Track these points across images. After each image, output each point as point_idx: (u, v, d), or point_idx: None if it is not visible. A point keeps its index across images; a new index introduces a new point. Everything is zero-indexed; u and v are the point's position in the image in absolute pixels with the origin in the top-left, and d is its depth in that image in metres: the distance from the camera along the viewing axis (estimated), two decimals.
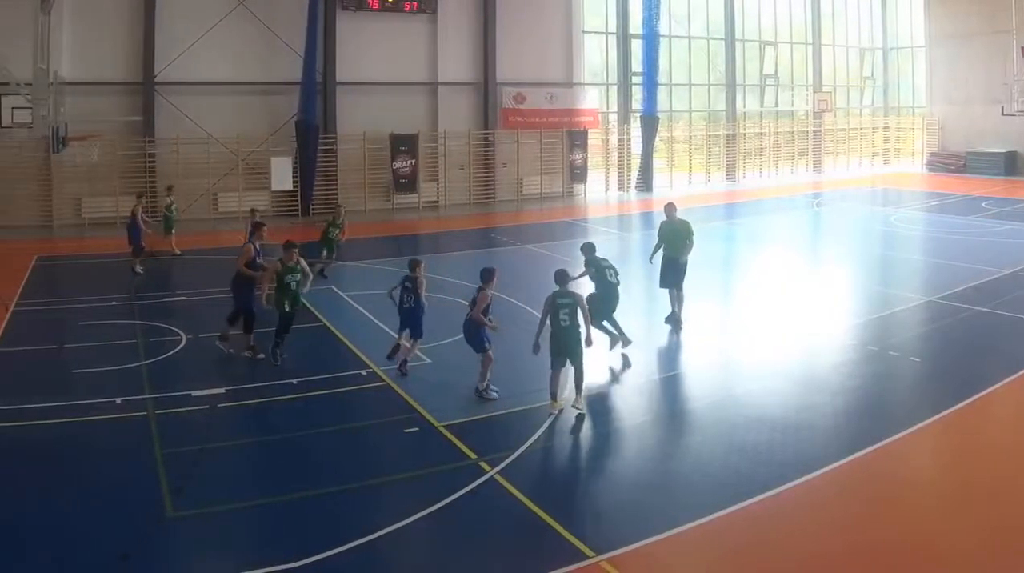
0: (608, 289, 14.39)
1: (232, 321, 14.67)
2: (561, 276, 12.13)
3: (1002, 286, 19.44)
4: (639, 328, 15.91)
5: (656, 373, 14.20)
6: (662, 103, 40.53)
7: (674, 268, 16.10)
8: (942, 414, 11.82)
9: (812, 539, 8.68)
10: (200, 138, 30.04)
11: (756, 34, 45.33)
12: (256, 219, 17.58)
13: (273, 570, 7.92)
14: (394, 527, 8.71)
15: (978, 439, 11.43)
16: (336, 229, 20.81)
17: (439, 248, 26.16)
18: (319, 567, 8.00)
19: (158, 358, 14.49)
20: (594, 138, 39.32)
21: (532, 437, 11.04)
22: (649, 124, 39.43)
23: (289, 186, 31.36)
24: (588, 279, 14.62)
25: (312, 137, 31.30)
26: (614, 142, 40.55)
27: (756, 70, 45.85)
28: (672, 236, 16.25)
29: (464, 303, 12.85)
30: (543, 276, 13.35)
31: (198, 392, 12.65)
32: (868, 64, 51.04)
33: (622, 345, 14.56)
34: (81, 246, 25.84)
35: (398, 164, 33.55)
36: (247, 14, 30.71)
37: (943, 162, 46.85)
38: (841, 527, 8.82)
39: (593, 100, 39.32)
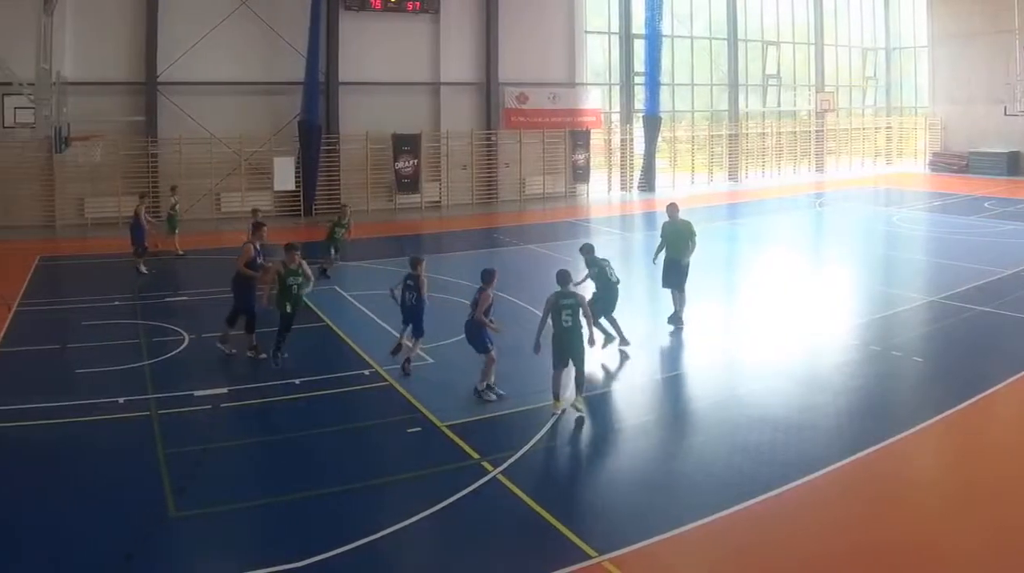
0: (610, 288, 14.44)
1: (231, 322, 14.65)
2: (563, 276, 12.06)
3: (1005, 286, 19.42)
4: (641, 328, 15.91)
5: (659, 373, 14.21)
6: (664, 103, 40.52)
7: (676, 269, 16.08)
8: (945, 414, 11.81)
9: (815, 539, 8.68)
10: (203, 138, 30.05)
11: (759, 34, 45.35)
12: (257, 219, 17.57)
13: (276, 570, 7.93)
14: (397, 527, 8.71)
15: (981, 439, 11.42)
16: (342, 228, 20.84)
17: (441, 248, 26.15)
18: (322, 567, 8.01)
19: (161, 358, 14.49)
20: (597, 138, 39.32)
21: (535, 437, 11.04)
22: (652, 124, 39.42)
23: (292, 186, 31.36)
24: (591, 276, 14.63)
25: (315, 137, 31.29)
26: (617, 142, 40.56)
27: (758, 70, 45.84)
28: (674, 236, 16.23)
29: (466, 303, 12.84)
30: (545, 276, 13.35)
31: (201, 392, 12.66)
32: (870, 64, 51.03)
33: (619, 344, 14.59)
34: (84, 246, 25.85)
35: (400, 164, 33.55)
36: (250, 14, 30.72)
37: (946, 162, 46.81)
38: (844, 527, 8.82)
39: (596, 100, 39.32)
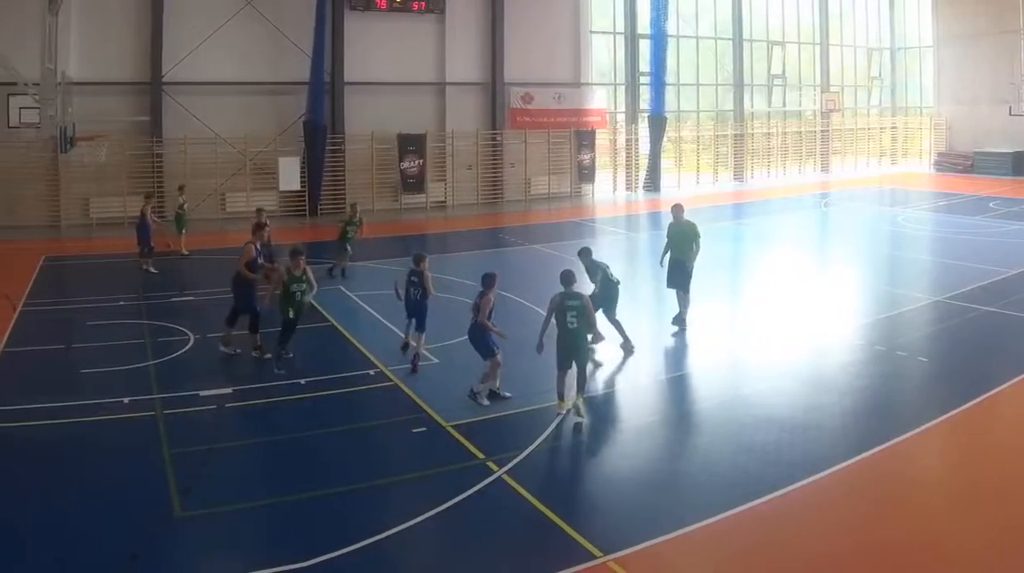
0: (611, 288, 14.47)
1: (231, 322, 14.64)
2: (568, 277, 12.04)
3: (1010, 286, 19.38)
4: (646, 329, 15.91)
5: (663, 373, 14.21)
6: (670, 103, 40.51)
7: (681, 269, 16.06)
8: (950, 414, 11.80)
9: (820, 539, 8.67)
10: (208, 138, 30.07)
11: (764, 34, 45.27)
12: (259, 220, 17.52)
13: (281, 570, 7.94)
14: (402, 527, 8.73)
15: (986, 439, 11.41)
16: (354, 227, 20.85)
17: (447, 248, 26.13)
18: (327, 567, 8.02)
19: (166, 358, 14.51)
20: (602, 138, 39.28)
21: (540, 437, 11.04)
22: (657, 124, 39.38)
23: (297, 186, 31.36)
24: (589, 278, 14.61)
25: (320, 137, 31.30)
26: (622, 142, 40.55)
27: (764, 70, 45.79)
28: (679, 238, 16.21)
29: (472, 303, 12.76)
30: (551, 276, 13.32)
31: (206, 392, 12.68)
32: (876, 64, 50.96)
33: (623, 345, 14.60)
34: (89, 246, 25.90)
35: (406, 164, 33.56)
36: (255, 14, 30.74)
37: (951, 162, 46.73)
38: (849, 527, 8.81)
39: (601, 100, 39.27)
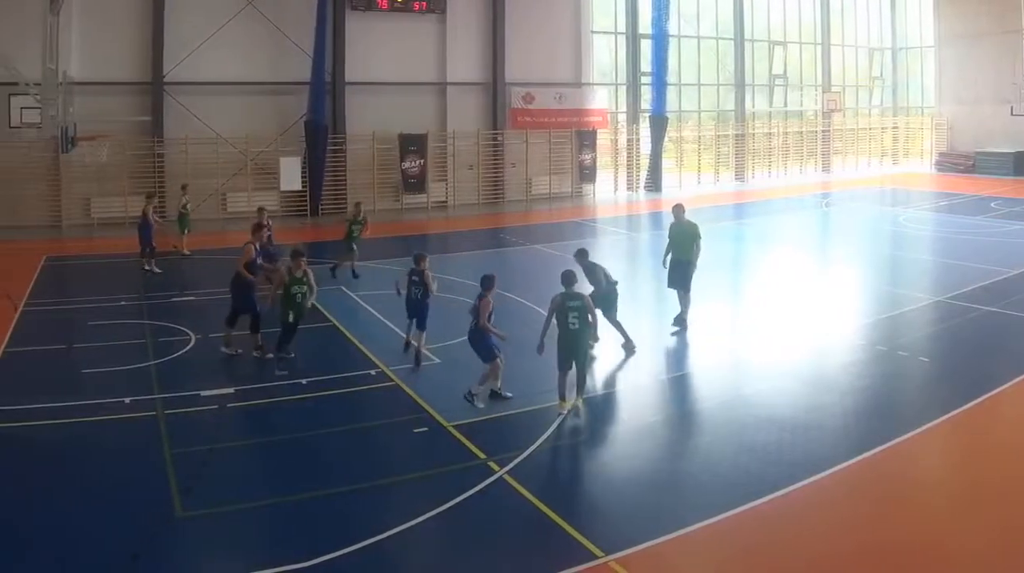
0: (611, 288, 14.49)
1: (231, 323, 14.63)
2: (569, 278, 12.03)
3: (1011, 286, 19.37)
4: (647, 329, 15.90)
5: (664, 373, 14.21)
6: (671, 103, 40.50)
7: (682, 270, 16.06)
8: (951, 414, 11.80)
9: (821, 539, 8.67)
10: (209, 138, 30.07)
11: (765, 34, 45.23)
12: (259, 220, 17.52)
13: (283, 570, 7.95)
14: (403, 527, 8.73)
15: (987, 439, 11.41)
16: (359, 226, 20.85)
17: (448, 248, 26.13)
18: (329, 567, 8.02)
19: (167, 358, 14.51)
20: (603, 138, 39.28)
21: (541, 437, 11.04)
22: (658, 124, 39.36)
23: (298, 186, 31.36)
24: (588, 280, 14.60)
25: (321, 137, 31.30)
26: (623, 142, 40.53)
27: (765, 70, 45.77)
28: (680, 238, 16.19)
29: (470, 305, 12.71)
30: (552, 276, 13.32)
31: (207, 392, 12.68)
32: (877, 64, 50.92)
33: (624, 345, 14.62)
34: (90, 246, 25.91)
35: (407, 164, 33.56)
36: (256, 14, 30.74)
37: (952, 162, 46.69)
38: (850, 527, 8.81)
39: (602, 100, 39.27)
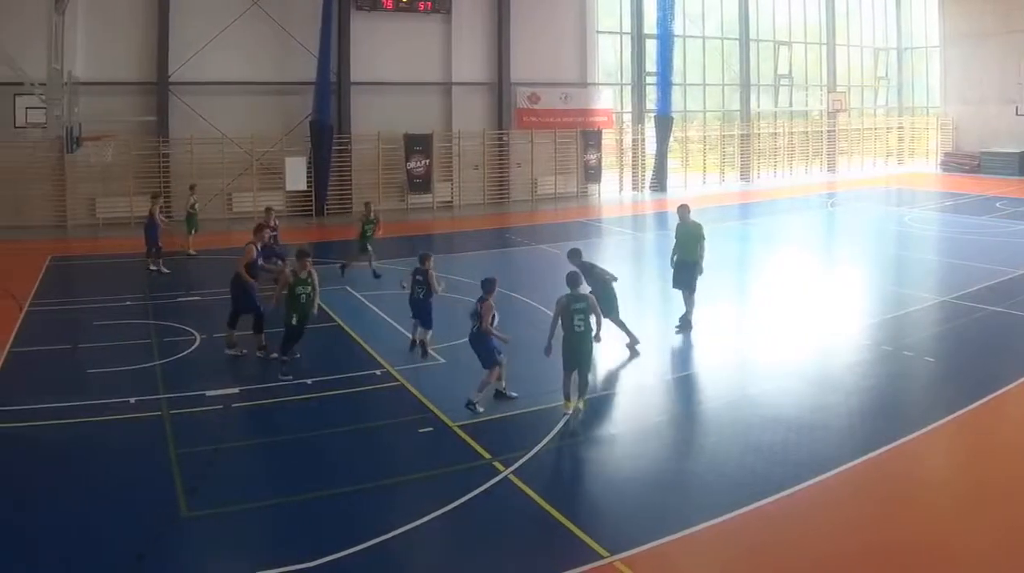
0: (610, 288, 14.48)
1: (232, 323, 14.63)
2: (574, 279, 12.02)
3: (1016, 286, 19.32)
4: (653, 329, 15.90)
5: (670, 373, 14.19)
6: (676, 103, 40.45)
7: (687, 270, 16.05)
8: (956, 414, 11.78)
9: (827, 539, 8.66)
10: (214, 138, 30.10)
11: (770, 34, 45.21)
12: (263, 220, 17.52)
13: (288, 570, 7.95)
14: (408, 527, 8.73)
15: (992, 439, 11.38)
16: (371, 225, 20.82)
17: (453, 248, 26.14)
18: (333, 567, 8.02)
19: (172, 358, 14.53)
20: (608, 138, 39.29)
21: (546, 437, 11.03)
22: (663, 124, 39.37)
23: (303, 186, 31.40)
24: (587, 280, 14.56)
25: (326, 137, 31.34)
26: (628, 142, 40.50)
27: (770, 70, 45.71)
28: (685, 238, 16.18)
29: (471, 309, 12.63)
30: (557, 276, 13.33)
31: (212, 392, 12.69)
32: (882, 64, 50.82)
33: (629, 343, 14.62)
34: (95, 246, 25.94)
35: (412, 164, 33.58)
36: (261, 14, 30.77)
37: (957, 162, 46.60)
38: (855, 527, 8.80)
39: (607, 100, 39.26)
